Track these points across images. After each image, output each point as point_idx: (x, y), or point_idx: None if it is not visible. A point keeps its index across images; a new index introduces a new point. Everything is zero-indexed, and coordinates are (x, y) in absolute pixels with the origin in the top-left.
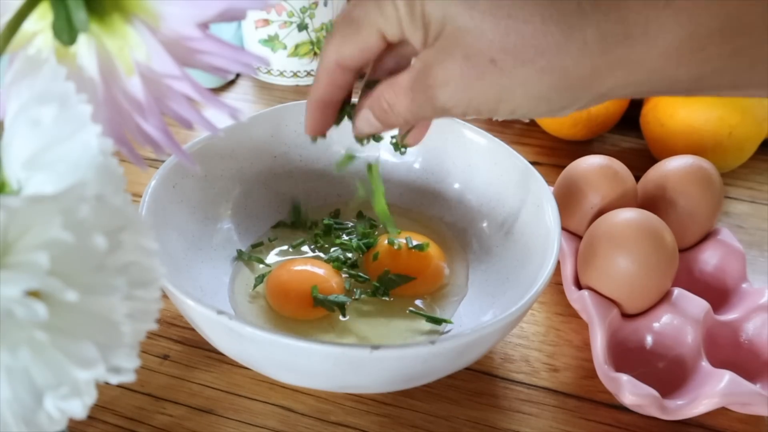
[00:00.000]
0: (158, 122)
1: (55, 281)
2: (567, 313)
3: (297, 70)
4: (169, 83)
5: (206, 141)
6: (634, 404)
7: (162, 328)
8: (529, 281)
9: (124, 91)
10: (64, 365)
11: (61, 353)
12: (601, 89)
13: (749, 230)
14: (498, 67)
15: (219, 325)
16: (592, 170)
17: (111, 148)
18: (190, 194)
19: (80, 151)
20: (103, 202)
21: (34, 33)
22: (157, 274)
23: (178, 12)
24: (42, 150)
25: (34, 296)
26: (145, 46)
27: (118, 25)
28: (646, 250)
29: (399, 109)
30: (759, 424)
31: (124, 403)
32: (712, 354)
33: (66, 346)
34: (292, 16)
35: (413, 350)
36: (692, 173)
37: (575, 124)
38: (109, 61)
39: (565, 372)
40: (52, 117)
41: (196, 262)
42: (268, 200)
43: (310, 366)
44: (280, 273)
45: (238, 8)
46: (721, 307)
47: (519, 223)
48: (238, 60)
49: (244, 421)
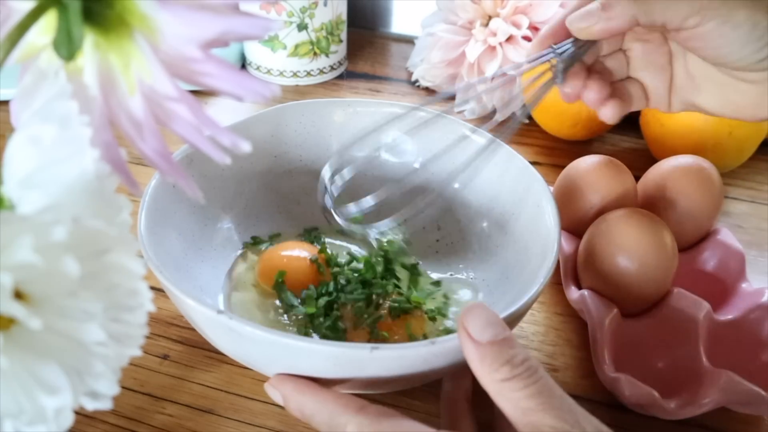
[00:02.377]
0: (158, 144)
1: (18, 307)
2: (567, 313)
3: (297, 70)
4: (169, 105)
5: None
6: (634, 404)
7: (162, 328)
8: (529, 281)
9: (126, 111)
10: (30, 391)
11: (28, 379)
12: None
13: (749, 230)
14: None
15: (219, 325)
16: (592, 170)
17: (108, 173)
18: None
19: (76, 174)
20: (81, 225)
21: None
22: (142, 299)
23: (177, 30)
24: (38, 169)
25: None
26: (148, 64)
27: (123, 40)
28: (646, 250)
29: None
30: (759, 424)
31: (124, 403)
32: (712, 354)
33: (34, 371)
34: (292, 16)
35: (413, 350)
36: (692, 173)
37: (575, 124)
38: (112, 79)
39: (565, 372)
40: (51, 137)
41: (196, 262)
42: (268, 200)
43: (310, 366)
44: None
45: (238, 33)
46: (721, 307)
47: (519, 223)
48: (242, 85)
49: (244, 421)
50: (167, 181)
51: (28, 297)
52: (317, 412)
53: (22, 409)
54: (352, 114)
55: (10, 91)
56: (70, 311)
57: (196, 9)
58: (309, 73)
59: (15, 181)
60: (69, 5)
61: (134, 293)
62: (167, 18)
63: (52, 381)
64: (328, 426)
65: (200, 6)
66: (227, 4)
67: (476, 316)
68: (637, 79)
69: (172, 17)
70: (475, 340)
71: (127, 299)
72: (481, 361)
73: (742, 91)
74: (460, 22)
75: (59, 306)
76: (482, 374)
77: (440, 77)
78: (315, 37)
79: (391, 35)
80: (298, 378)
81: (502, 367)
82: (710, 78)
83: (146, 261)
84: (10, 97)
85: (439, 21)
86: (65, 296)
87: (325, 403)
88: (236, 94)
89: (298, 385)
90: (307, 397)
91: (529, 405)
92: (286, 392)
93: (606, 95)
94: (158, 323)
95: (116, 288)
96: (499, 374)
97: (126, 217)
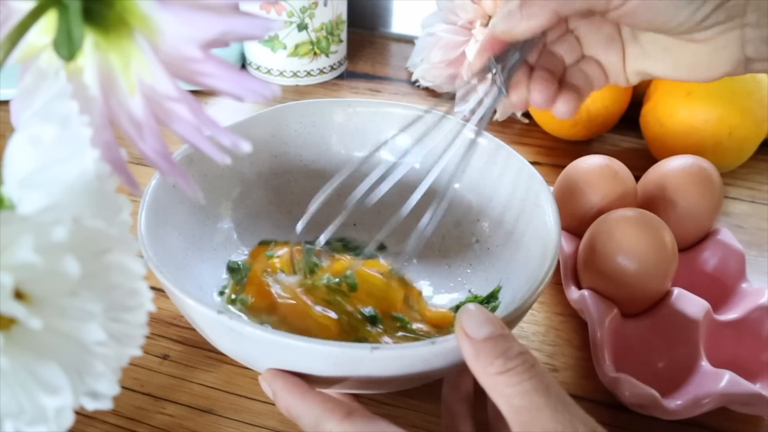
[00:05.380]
0: (158, 144)
1: (18, 307)
2: (567, 313)
3: (297, 70)
4: (169, 105)
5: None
6: (634, 404)
7: (162, 328)
8: (529, 281)
9: (126, 111)
10: (30, 391)
11: (29, 379)
12: None
13: (749, 230)
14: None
15: (219, 325)
16: (592, 170)
17: (108, 173)
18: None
19: (76, 174)
20: (81, 225)
21: (45, 46)
22: (143, 299)
23: (177, 30)
24: (39, 169)
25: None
26: (148, 64)
27: (123, 40)
28: (646, 250)
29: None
30: (759, 424)
31: (124, 403)
32: (712, 354)
33: (34, 371)
34: (292, 16)
35: (413, 350)
36: (692, 173)
37: (575, 124)
38: (112, 79)
39: (565, 372)
40: (52, 137)
41: (196, 261)
42: (268, 200)
43: (310, 366)
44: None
45: (238, 32)
46: (721, 307)
47: (519, 223)
48: (242, 85)
49: (244, 421)
50: (167, 181)
51: (28, 297)
52: (304, 414)
53: (22, 409)
54: (353, 114)
55: (10, 91)
56: (70, 311)
57: (196, 9)
58: (309, 73)
59: (15, 181)
60: (69, 5)
61: (134, 293)
62: (167, 18)
63: (52, 381)
64: (314, 429)
65: (200, 6)
66: (227, 4)
67: (472, 315)
68: (592, 57)
69: (172, 17)
70: (471, 338)
71: (127, 299)
72: (476, 357)
73: (693, 53)
74: (460, 22)
75: (59, 306)
76: (477, 370)
77: (440, 77)
78: (315, 37)
79: (391, 35)
80: (288, 376)
81: (496, 360)
82: (658, 43)
83: (146, 261)
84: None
85: (439, 21)
86: (65, 296)
87: (312, 407)
88: (236, 94)
89: (287, 384)
90: (295, 398)
91: (523, 403)
92: (275, 389)
93: (552, 93)
94: (158, 323)
95: (116, 288)
96: (493, 367)
97: (126, 217)
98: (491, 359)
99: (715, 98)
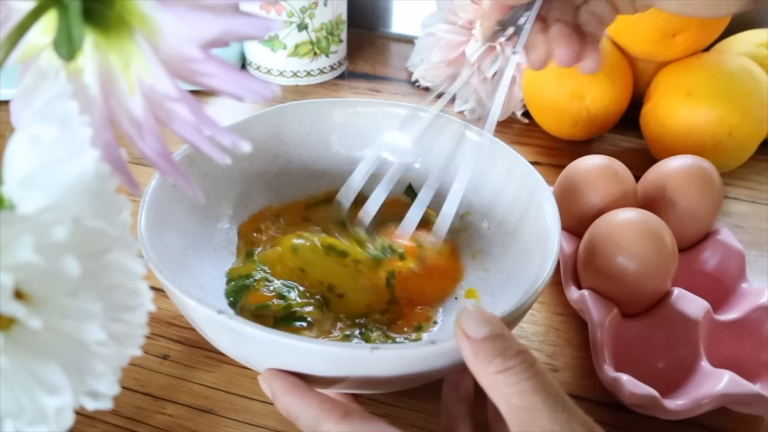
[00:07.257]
0: (158, 144)
1: (18, 307)
2: (567, 313)
3: (297, 70)
4: (169, 105)
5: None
6: (634, 404)
7: (162, 328)
8: (529, 281)
9: (126, 111)
10: (30, 391)
11: (29, 379)
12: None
13: (749, 230)
14: None
15: (219, 325)
16: (592, 170)
17: (108, 173)
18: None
19: (76, 174)
20: (81, 225)
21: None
22: (142, 299)
23: (177, 30)
24: (38, 169)
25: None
26: (148, 64)
27: (123, 40)
28: (646, 250)
29: None
30: (759, 424)
31: (124, 403)
32: (712, 354)
33: (34, 371)
34: (292, 16)
35: (413, 350)
36: (692, 173)
37: (575, 124)
38: (112, 79)
39: (565, 372)
40: (52, 137)
41: (196, 261)
42: (268, 200)
43: (311, 365)
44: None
45: (238, 32)
46: (721, 307)
47: (519, 223)
48: (242, 85)
49: (244, 421)
50: (167, 181)
51: (28, 297)
52: (302, 415)
53: (22, 409)
54: (353, 114)
55: (10, 91)
56: (70, 311)
57: (196, 9)
58: (309, 73)
59: (15, 181)
60: (69, 5)
61: (134, 293)
62: (167, 18)
63: (52, 381)
64: (312, 430)
65: (200, 6)
66: (227, 4)
67: (472, 316)
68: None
69: (172, 17)
70: (470, 337)
71: (127, 299)
72: (475, 356)
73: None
74: (460, 22)
75: (59, 306)
76: (476, 369)
77: (440, 77)
78: (315, 37)
79: (391, 35)
80: (287, 376)
81: (495, 359)
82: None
83: (146, 261)
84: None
85: (439, 21)
86: (65, 296)
87: (310, 408)
88: (236, 94)
89: (286, 384)
90: (294, 398)
91: (522, 403)
92: (274, 389)
93: (577, 48)
94: (158, 323)
95: (116, 288)
96: (492, 367)
97: (126, 217)
98: (490, 358)
99: (715, 98)
